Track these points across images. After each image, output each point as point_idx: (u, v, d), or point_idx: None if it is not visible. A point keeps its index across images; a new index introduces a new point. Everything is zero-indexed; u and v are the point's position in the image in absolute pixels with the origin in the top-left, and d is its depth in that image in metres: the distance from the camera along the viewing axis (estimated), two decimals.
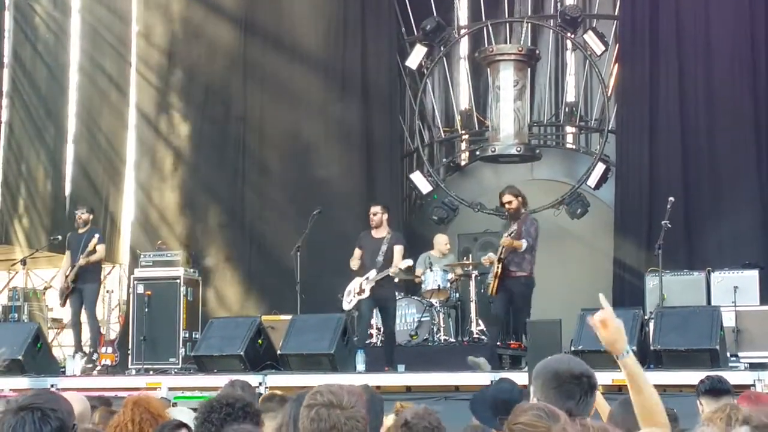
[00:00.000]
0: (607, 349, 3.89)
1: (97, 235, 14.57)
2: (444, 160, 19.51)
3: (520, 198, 13.52)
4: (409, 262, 13.75)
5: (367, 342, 14.40)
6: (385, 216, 13.64)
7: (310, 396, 3.55)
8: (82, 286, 14.53)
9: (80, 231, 14.74)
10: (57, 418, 3.62)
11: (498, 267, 13.06)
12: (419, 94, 18.55)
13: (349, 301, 13.75)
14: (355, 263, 13.64)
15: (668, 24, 16.39)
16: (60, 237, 15.79)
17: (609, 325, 3.88)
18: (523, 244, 13.17)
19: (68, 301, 14.70)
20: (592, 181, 17.34)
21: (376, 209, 13.66)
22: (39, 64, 18.18)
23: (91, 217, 14.94)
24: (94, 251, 14.46)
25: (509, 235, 13.11)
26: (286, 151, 18.02)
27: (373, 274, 13.44)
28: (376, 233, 13.63)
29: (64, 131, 18.61)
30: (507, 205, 13.52)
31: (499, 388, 4.17)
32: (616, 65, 17.41)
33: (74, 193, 18.43)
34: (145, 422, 4.81)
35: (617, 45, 17.40)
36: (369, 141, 18.07)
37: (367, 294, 13.46)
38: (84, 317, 14.78)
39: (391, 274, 13.45)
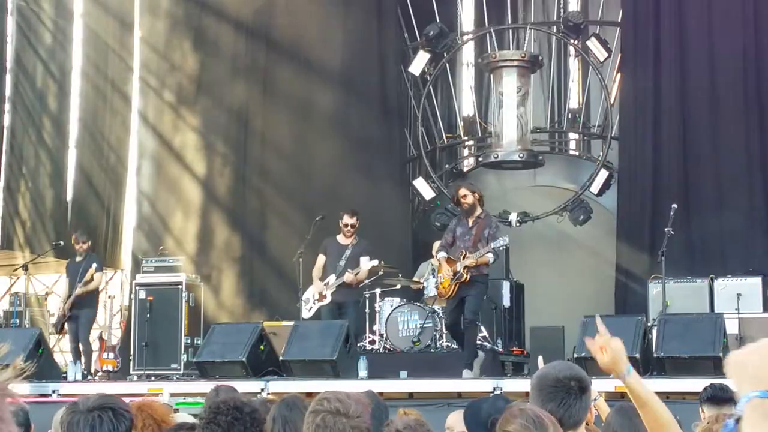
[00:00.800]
0: (608, 371, 3.86)
1: (95, 264, 14.58)
2: (447, 166, 19.48)
3: (476, 194, 12.44)
4: (374, 262, 13.62)
5: (369, 348, 14.39)
6: (357, 223, 13.66)
7: (317, 402, 3.54)
8: (78, 313, 14.54)
9: (78, 259, 14.75)
10: (129, 418, 3.83)
11: (466, 274, 12.25)
12: (422, 101, 18.54)
13: (309, 309, 13.72)
14: (317, 272, 13.60)
15: (671, 30, 16.36)
16: (62, 243, 15.79)
17: (608, 349, 3.85)
18: (490, 258, 12.34)
19: (65, 327, 14.72)
20: (595, 187, 17.32)
21: (352, 220, 13.62)
22: (41, 68, 18.17)
23: (88, 245, 14.91)
24: (91, 279, 14.49)
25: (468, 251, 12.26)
26: (290, 157, 17.99)
27: (332, 279, 13.44)
28: (342, 240, 13.63)
29: (66, 136, 18.60)
30: (462, 200, 12.46)
31: (494, 406, 4.15)
32: (619, 72, 17.39)
33: (76, 198, 18.42)
34: (148, 428, 4.79)
35: (620, 51, 17.38)
36: (372, 147, 18.05)
37: (328, 300, 13.45)
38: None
39: (346, 282, 13.41)
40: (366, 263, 13.44)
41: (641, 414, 3.74)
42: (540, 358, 5.40)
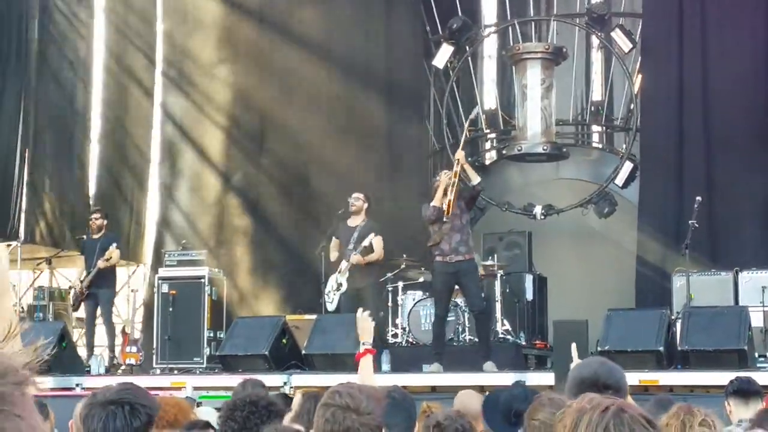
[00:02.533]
0: None
1: (114, 244, 14.63)
2: (469, 159, 19.40)
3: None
4: (370, 237, 13.47)
5: (392, 342, 14.36)
6: (365, 205, 13.60)
7: (328, 395, 3.50)
8: (96, 291, 14.57)
9: (95, 236, 14.76)
10: (146, 413, 3.72)
11: (457, 168, 12.25)
12: (445, 94, 18.49)
13: (330, 301, 13.67)
14: (333, 254, 13.58)
15: (693, 20, 16.25)
16: (84, 237, 15.81)
17: None
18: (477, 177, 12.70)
19: (83, 305, 14.74)
20: (620, 179, 17.24)
21: (357, 195, 13.61)
22: (64, 63, 18.20)
23: (106, 222, 14.94)
24: (110, 257, 14.52)
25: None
26: (312, 152, 17.97)
27: (344, 265, 13.41)
28: (352, 221, 13.60)
29: (88, 131, 18.63)
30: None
31: (512, 394, 4.12)
32: (642, 63, 17.30)
33: (99, 192, 18.45)
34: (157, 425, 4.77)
35: (642, 42, 17.28)
36: (395, 141, 18.02)
37: (345, 287, 13.41)
38: (99, 321, 14.83)
39: (354, 263, 13.34)
40: (367, 240, 13.40)
41: None
42: (573, 346, 5.33)
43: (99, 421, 3.68)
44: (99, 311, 14.75)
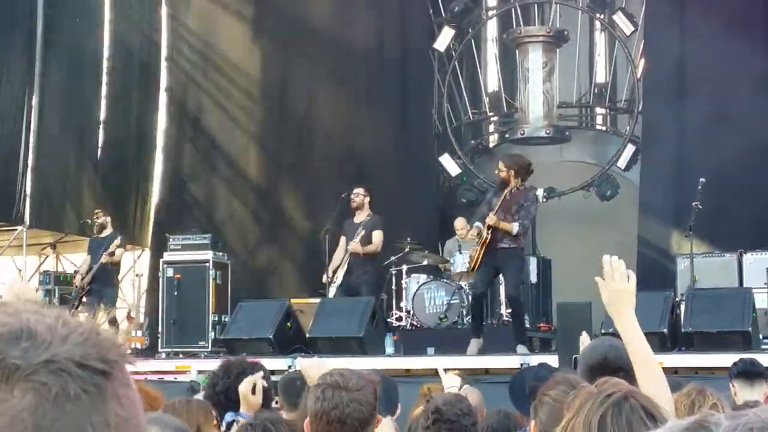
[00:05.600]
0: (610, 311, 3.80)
1: (119, 238, 14.67)
2: (472, 142, 19.42)
3: (512, 169, 12.12)
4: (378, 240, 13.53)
5: (396, 325, 14.39)
6: (367, 199, 13.60)
7: (321, 377, 3.59)
8: (100, 289, 14.58)
9: (99, 236, 14.80)
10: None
11: (487, 234, 11.91)
12: (447, 77, 18.47)
13: (327, 293, 13.72)
14: (338, 254, 13.58)
15: (695, 2, 16.21)
16: (90, 221, 15.83)
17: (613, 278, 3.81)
18: (514, 228, 11.90)
19: (83, 300, 14.77)
20: (623, 162, 17.25)
21: (357, 191, 13.62)
22: (69, 46, 18.17)
23: (108, 219, 14.95)
24: (113, 253, 14.55)
25: (495, 213, 11.94)
26: (316, 135, 17.98)
27: (345, 259, 13.45)
28: (357, 218, 13.62)
29: (94, 115, 18.63)
30: (498, 173, 12.40)
31: (536, 375, 4.16)
32: (645, 45, 17.28)
33: (104, 177, 18.46)
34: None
35: (645, 24, 17.25)
36: (397, 124, 18.02)
37: (339, 281, 13.44)
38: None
39: (353, 251, 13.32)
40: (375, 239, 13.43)
41: (635, 372, 3.63)
42: (584, 335, 5.36)
43: None
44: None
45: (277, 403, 6.18)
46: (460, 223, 15.15)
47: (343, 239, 13.70)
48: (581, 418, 2.47)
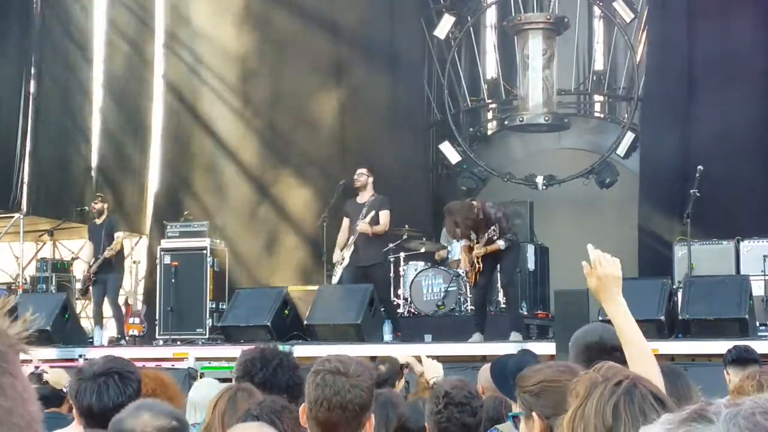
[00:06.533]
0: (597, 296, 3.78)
1: (121, 234, 14.74)
2: (471, 129, 19.39)
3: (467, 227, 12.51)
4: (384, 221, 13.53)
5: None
6: (370, 179, 13.52)
7: (318, 363, 3.61)
8: (105, 277, 14.57)
9: (98, 221, 14.79)
10: (136, 380, 3.81)
11: (479, 264, 12.38)
12: (447, 64, 18.42)
13: (334, 275, 13.65)
14: (342, 235, 13.52)
15: None
16: (87, 208, 15.83)
17: (599, 266, 3.80)
18: (501, 244, 12.34)
19: (90, 291, 14.77)
20: (622, 149, 17.23)
21: (361, 171, 13.54)
22: (65, 33, 18.15)
23: (106, 205, 14.95)
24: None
25: (484, 244, 12.34)
26: (313, 122, 17.95)
27: (351, 239, 13.36)
28: (360, 198, 13.52)
29: (91, 102, 18.62)
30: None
31: (521, 360, 4.13)
32: (645, 33, 17.25)
33: (101, 164, 18.46)
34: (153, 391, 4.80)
35: (646, 12, 17.22)
36: (395, 111, 17.98)
37: (347, 262, 13.36)
38: (106, 305, 14.87)
39: (361, 231, 13.27)
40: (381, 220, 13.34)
41: (626, 354, 3.60)
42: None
43: (92, 393, 3.70)
44: (107, 295, 14.73)
45: None
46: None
47: (346, 220, 13.58)
48: (592, 407, 2.47)
